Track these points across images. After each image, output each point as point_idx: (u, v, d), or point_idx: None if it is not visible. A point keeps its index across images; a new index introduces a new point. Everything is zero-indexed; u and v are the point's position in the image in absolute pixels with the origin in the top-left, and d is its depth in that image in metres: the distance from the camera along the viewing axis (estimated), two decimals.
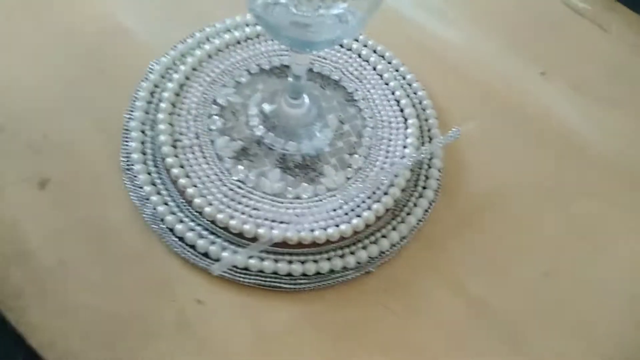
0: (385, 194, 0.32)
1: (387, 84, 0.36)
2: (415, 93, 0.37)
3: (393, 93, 0.36)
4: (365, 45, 0.38)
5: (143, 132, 0.33)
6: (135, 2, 0.40)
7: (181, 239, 0.30)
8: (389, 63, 0.38)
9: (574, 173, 0.36)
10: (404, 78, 0.37)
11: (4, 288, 0.29)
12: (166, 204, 0.31)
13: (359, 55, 0.37)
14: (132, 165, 0.32)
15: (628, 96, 0.40)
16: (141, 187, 0.32)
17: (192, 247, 0.30)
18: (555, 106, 0.39)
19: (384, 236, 0.32)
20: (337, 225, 0.31)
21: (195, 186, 0.31)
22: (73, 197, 0.32)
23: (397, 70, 0.38)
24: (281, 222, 0.31)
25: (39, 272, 0.30)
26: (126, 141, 0.33)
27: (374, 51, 0.38)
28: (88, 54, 0.37)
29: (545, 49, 0.42)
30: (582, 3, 0.44)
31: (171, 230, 0.31)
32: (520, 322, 0.31)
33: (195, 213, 0.31)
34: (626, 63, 0.42)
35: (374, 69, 0.37)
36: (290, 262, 0.30)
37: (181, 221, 0.31)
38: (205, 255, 0.30)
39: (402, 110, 0.35)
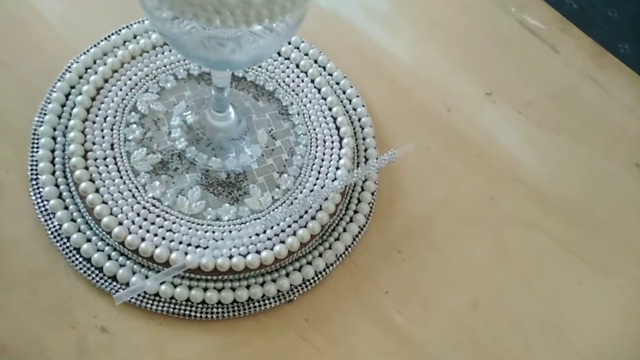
0: (313, 218, 0.30)
1: (324, 99, 0.34)
2: (354, 109, 0.35)
3: (330, 109, 0.34)
4: (306, 54, 0.36)
5: (54, 138, 0.31)
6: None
7: (87, 259, 0.28)
8: (330, 75, 0.36)
9: (509, 200, 0.35)
10: (344, 92, 0.36)
11: None
12: (73, 220, 0.29)
13: (297, 66, 0.35)
14: (39, 175, 0.29)
15: (569, 122, 0.40)
16: (47, 200, 0.29)
17: (99, 269, 0.28)
18: (496, 129, 0.38)
19: (309, 263, 0.30)
20: (258, 252, 0.29)
21: (105, 203, 0.28)
22: None
23: (337, 84, 0.36)
24: (197, 247, 0.29)
25: None
26: (34, 148, 0.30)
27: (315, 61, 0.36)
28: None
29: (494, 68, 0.41)
30: (536, 21, 0.43)
31: (77, 249, 0.28)
32: (446, 356, 0.30)
33: (103, 232, 0.28)
34: (572, 87, 0.41)
35: (312, 81, 0.35)
36: (205, 289, 0.28)
37: (88, 240, 0.28)
38: (114, 278, 0.28)
39: (338, 128, 0.33)
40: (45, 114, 0.31)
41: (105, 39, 0.34)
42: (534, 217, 0.35)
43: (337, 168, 0.32)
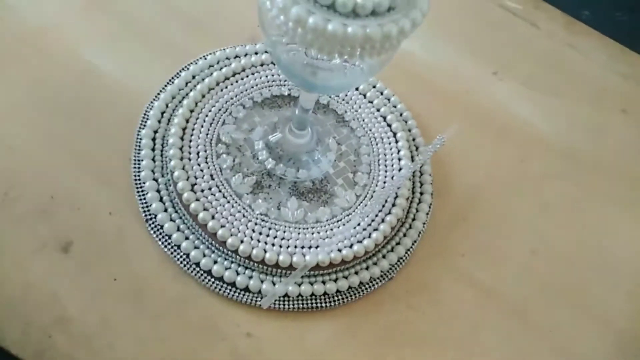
0: (393, 205, 0.35)
1: (371, 102, 0.39)
2: (395, 106, 0.40)
3: (378, 110, 0.39)
4: None
5: (155, 180, 0.34)
6: (109, 45, 0.39)
7: (219, 278, 0.32)
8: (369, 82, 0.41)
9: (536, 159, 0.42)
10: (381, 93, 0.41)
11: (52, 357, 0.29)
12: (197, 247, 0.32)
13: None
14: (154, 214, 0.33)
15: (562, 85, 0.47)
16: (169, 235, 0.32)
17: (232, 284, 0.32)
18: (510, 102, 0.44)
19: (398, 244, 0.35)
20: (360, 242, 0.33)
21: (223, 226, 0.32)
22: (99, 256, 0.32)
23: (374, 87, 0.41)
24: (310, 247, 0.33)
25: (83, 335, 0.30)
26: (141, 192, 0.33)
27: None
28: (71, 105, 0.36)
29: (492, 50, 0.47)
30: (514, 3, 0.50)
31: (208, 272, 0.32)
32: (521, 298, 0.36)
33: (228, 252, 0.32)
34: (557, 55, 0.48)
35: (356, 89, 0.40)
36: (324, 282, 0.33)
37: (215, 262, 0.32)
38: (246, 289, 0.32)
39: (389, 126, 0.39)
40: (140, 160, 0.34)
41: (169, 83, 0.37)
42: (560, 169, 0.42)
43: (400, 159, 0.37)
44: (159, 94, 0.37)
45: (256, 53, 0.40)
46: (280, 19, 0.23)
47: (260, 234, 0.33)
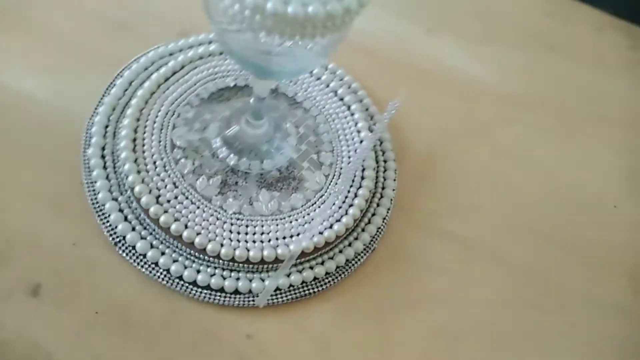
0: (362, 178, 0.35)
1: (319, 79, 0.39)
2: (342, 79, 0.40)
3: (328, 86, 0.39)
4: None
5: (115, 199, 0.32)
6: (30, 64, 0.36)
7: (207, 287, 0.31)
8: None
9: (482, 107, 0.43)
10: (326, 69, 0.40)
11: None
12: (175, 260, 0.31)
13: None
14: (122, 236, 0.31)
15: (495, 31, 0.48)
16: (143, 255, 0.31)
17: (220, 290, 0.31)
18: (447, 56, 0.45)
19: (374, 214, 0.35)
20: (339, 220, 0.33)
21: (199, 234, 0.31)
22: (73, 291, 0.30)
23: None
24: (291, 237, 0.32)
25: None
26: (103, 215, 0.31)
27: None
28: (5, 138, 0.33)
29: (422, 9, 0.47)
30: None
31: (193, 283, 0.31)
32: (496, 241, 0.37)
33: (210, 258, 0.31)
34: (484, 3, 0.49)
35: None
36: (311, 267, 0.33)
37: (198, 271, 0.31)
38: (236, 292, 0.31)
39: (341, 100, 0.38)
40: (93, 182, 0.32)
41: (105, 94, 0.35)
42: (506, 113, 0.43)
43: (359, 132, 0.37)
44: (97, 107, 0.34)
45: (191, 47, 0.38)
46: (235, 8, 0.22)
47: (239, 233, 0.32)
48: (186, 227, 0.31)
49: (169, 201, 0.32)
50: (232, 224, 0.32)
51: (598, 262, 0.39)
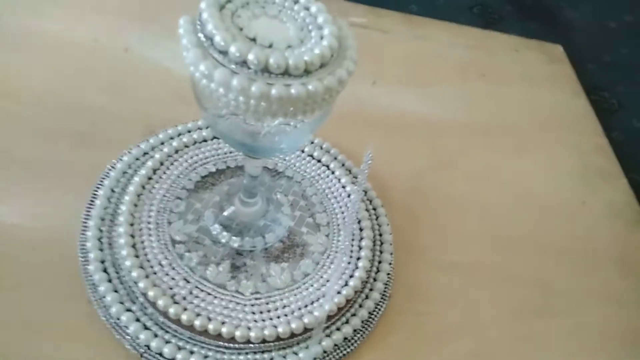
0: (361, 230, 0.36)
1: (302, 151, 0.40)
2: (312, 142, 0.41)
3: (303, 151, 0.40)
4: None
5: (129, 310, 0.31)
6: (6, 197, 0.35)
7: None
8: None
9: (443, 140, 0.46)
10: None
11: None
12: (206, 357, 0.30)
13: None
14: (146, 346, 0.30)
15: (430, 71, 0.52)
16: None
17: None
18: (397, 102, 0.48)
19: (380, 262, 0.36)
20: (352, 275, 0.34)
21: (224, 323, 0.30)
22: None
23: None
24: (312, 303, 0.32)
25: None
26: (120, 330, 0.30)
27: None
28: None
29: (363, 64, 0.50)
30: (359, 19, 0.54)
31: None
32: (494, 257, 0.39)
33: (241, 346, 0.30)
34: (413, 49, 0.54)
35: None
36: (338, 329, 0.33)
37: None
38: None
39: (319, 161, 0.40)
40: (102, 297, 0.31)
41: (89, 207, 0.34)
42: (463, 140, 0.46)
43: (344, 187, 0.38)
44: (85, 222, 0.34)
45: (163, 143, 0.38)
46: (220, 92, 0.22)
47: (261, 312, 0.31)
48: (209, 319, 0.30)
49: (184, 298, 0.31)
50: (252, 305, 0.32)
51: (585, 257, 0.41)
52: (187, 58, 0.23)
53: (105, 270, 0.32)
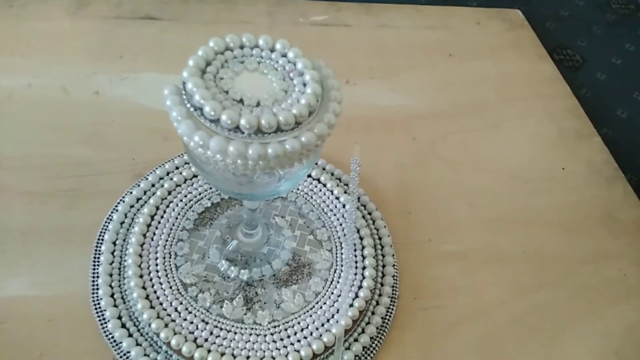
0: (361, 239, 0.38)
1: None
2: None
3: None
4: None
5: (147, 355, 0.32)
6: (16, 273, 0.35)
7: None
8: None
9: (420, 131, 0.47)
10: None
11: None
12: None
13: None
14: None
15: (402, 60, 0.52)
16: None
17: None
18: (374, 97, 0.49)
19: (384, 265, 0.38)
20: (361, 286, 0.35)
21: (248, 357, 0.32)
22: None
23: None
24: (328, 321, 0.34)
25: None
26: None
27: None
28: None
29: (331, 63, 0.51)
30: (321, 17, 0.54)
31: None
32: (490, 243, 0.41)
33: None
34: (380, 38, 0.54)
35: None
36: (356, 340, 0.34)
37: None
38: None
39: (309, 176, 0.40)
40: (127, 353, 0.32)
41: (95, 262, 0.35)
42: (440, 126, 0.47)
43: (337, 198, 0.39)
44: (94, 281, 0.34)
45: (153, 185, 0.39)
46: (217, 158, 0.23)
47: (282, 339, 0.33)
48: (234, 357, 0.32)
49: (206, 340, 0.32)
50: (272, 334, 0.33)
51: (573, 222, 0.43)
52: (179, 129, 0.23)
53: (124, 326, 0.33)
